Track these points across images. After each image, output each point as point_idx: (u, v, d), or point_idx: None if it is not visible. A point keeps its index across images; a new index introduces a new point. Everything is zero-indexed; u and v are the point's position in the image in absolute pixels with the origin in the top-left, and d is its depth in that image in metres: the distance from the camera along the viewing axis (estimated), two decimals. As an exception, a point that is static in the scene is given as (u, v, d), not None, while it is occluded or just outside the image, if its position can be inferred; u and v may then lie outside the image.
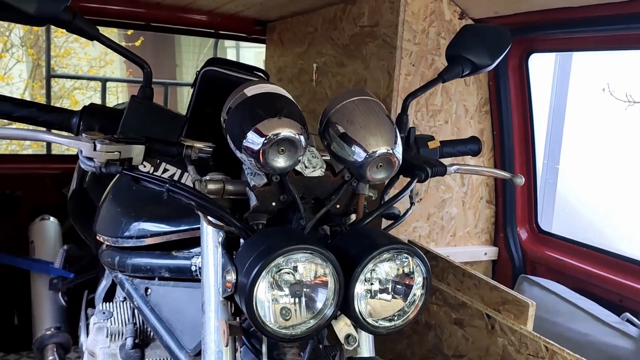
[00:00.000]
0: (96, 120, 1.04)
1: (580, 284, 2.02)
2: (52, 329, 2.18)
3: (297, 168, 1.02)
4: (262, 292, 0.89)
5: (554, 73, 3.32)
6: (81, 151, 0.98)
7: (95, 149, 0.97)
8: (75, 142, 0.98)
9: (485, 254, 2.35)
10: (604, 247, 2.03)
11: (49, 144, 3.88)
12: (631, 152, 3.17)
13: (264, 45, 3.17)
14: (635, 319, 1.79)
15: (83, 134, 0.99)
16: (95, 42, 1.04)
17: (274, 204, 1.01)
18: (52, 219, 2.62)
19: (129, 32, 6.00)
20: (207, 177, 1.04)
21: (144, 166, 1.22)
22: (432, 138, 1.37)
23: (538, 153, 2.24)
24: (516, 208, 2.29)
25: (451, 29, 2.07)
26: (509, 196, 2.28)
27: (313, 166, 1.04)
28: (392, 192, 1.19)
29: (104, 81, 4.67)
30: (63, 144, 1.00)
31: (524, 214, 2.29)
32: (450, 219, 2.28)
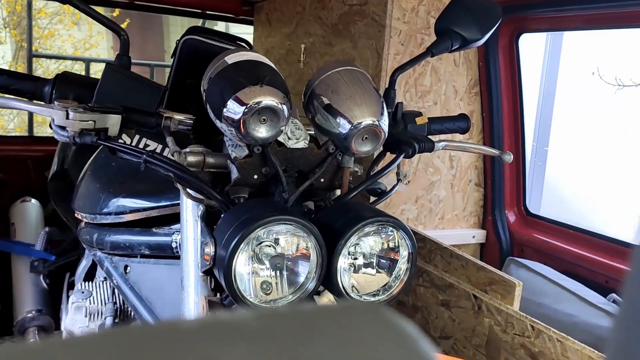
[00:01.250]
0: (70, 88, 1.00)
1: (567, 265, 2.02)
2: (34, 312, 2.14)
3: (280, 139, 0.99)
4: (242, 264, 0.86)
5: (544, 56, 3.31)
6: (53, 120, 0.94)
7: (68, 118, 0.93)
8: (47, 110, 0.94)
9: (474, 237, 2.34)
10: (590, 229, 2.03)
11: (31, 126, 3.81)
12: (619, 135, 3.17)
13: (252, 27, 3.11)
14: (621, 300, 1.79)
15: (55, 102, 0.95)
16: (80, 24, 0.99)
17: (255, 176, 0.98)
18: (33, 200, 2.57)
19: (115, 13, 5.89)
20: (187, 150, 1.00)
21: (123, 141, 1.18)
22: (420, 114, 1.34)
23: (527, 135, 2.23)
24: (504, 191, 2.27)
25: (441, 7, 2.03)
26: (497, 179, 2.26)
27: (296, 138, 1.01)
28: (379, 168, 1.16)
29: (87, 62, 4.58)
30: (35, 112, 0.95)
31: (512, 196, 2.28)
32: (439, 201, 2.26)
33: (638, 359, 0.22)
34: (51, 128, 0.97)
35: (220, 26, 7.40)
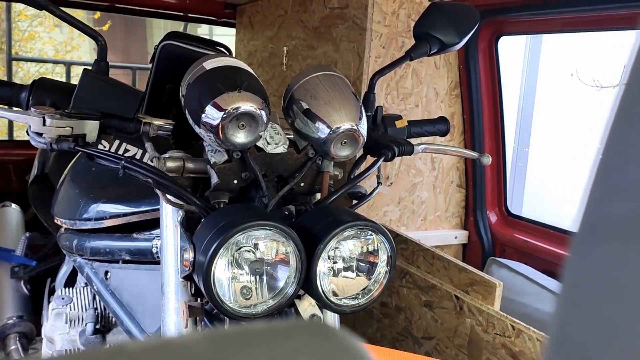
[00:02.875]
0: (47, 94, 0.99)
1: (548, 265, 2.05)
2: (15, 318, 2.11)
3: (259, 144, 0.99)
4: (221, 270, 0.86)
5: (524, 59, 3.35)
6: (30, 126, 0.94)
7: (44, 124, 0.92)
8: (23, 116, 0.93)
9: (456, 237, 2.36)
10: (570, 229, 2.05)
11: (10, 130, 3.76)
12: (598, 135, 3.22)
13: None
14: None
15: (32, 109, 0.94)
16: (61, 26, 0.99)
17: (235, 181, 0.98)
18: (13, 205, 2.54)
19: (96, 15, 5.83)
20: (167, 155, 1.00)
21: (104, 146, 1.17)
22: (399, 117, 1.36)
23: (508, 136, 2.25)
24: (486, 191, 2.30)
25: (421, 11, 2.05)
26: (479, 180, 2.28)
27: (276, 142, 1.01)
28: (360, 172, 1.17)
29: (68, 65, 4.52)
30: (11, 118, 0.95)
31: (494, 197, 2.31)
32: (421, 203, 2.28)
33: (575, 338, 0.24)
34: (28, 134, 0.96)
35: (204, 29, 7.38)
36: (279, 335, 0.20)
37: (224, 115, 0.89)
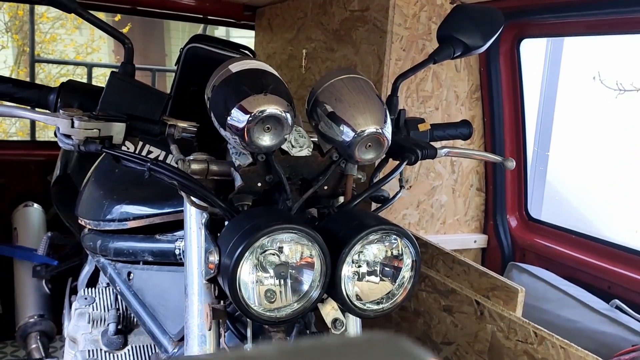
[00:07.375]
0: (75, 97, 1.01)
1: (570, 271, 2.02)
2: (36, 317, 2.14)
3: (284, 147, 0.99)
4: (246, 273, 0.87)
5: (545, 61, 3.31)
6: (58, 128, 0.95)
7: (73, 126, 0.93)
8: (52, 118, 0.95)
9: (475, 241, 2.34)
10: (593, 235, 2.03)
11: (33, 131, 3.81)
12: (621, 139, 3.17)
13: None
14: (624, 306, 1.78)
15: (60, 111, 0.95)
16: (82, 28, 1.00)
17: (259, 184, 0.98)
18: (35, 205, 2.57)
19: (116, 18, 5.90)
20: (191, 157, 1.01)
21: (128, 148, 1.18)
22: (422, 121, 1.35)
23: (528, 140, 2.23)
24: (506, 195, 2.27)
25: (442, 14, 2.04)
26: (499, 183, 2.26)
27: (300, 145, 1.01)
28: (382, 175, 1.17)
29: (89, 66, 4.59)
30: (40, 120, 0.96)
31: (514, 201, 2.28)
32: (440, 206, 2.26)
33: None
34: (56, 136, 0.98)
35: (221, 30, 7.42)
36: (356, 348, 0.19)
37: (250, 118, 0.89)
